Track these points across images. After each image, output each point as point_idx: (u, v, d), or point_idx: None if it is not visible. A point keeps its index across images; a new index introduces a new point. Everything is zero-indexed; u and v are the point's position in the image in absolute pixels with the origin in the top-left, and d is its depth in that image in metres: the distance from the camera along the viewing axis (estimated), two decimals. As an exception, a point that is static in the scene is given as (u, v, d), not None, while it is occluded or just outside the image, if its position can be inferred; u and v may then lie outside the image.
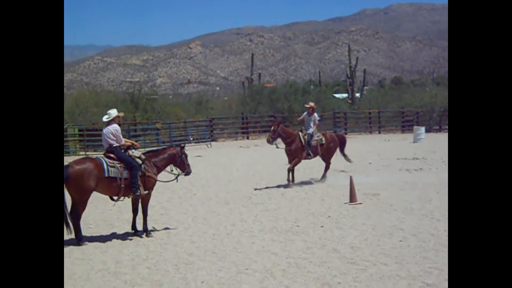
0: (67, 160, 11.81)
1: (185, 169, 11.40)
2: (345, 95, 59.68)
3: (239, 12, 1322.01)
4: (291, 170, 16.22)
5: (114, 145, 10.47)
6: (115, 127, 10.59)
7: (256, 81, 51.60)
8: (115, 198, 10.57)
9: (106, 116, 10.69)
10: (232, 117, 42.48)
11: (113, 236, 10.63)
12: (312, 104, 17.10)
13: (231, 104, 51.76)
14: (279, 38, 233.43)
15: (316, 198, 13.99)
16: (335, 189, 15.00)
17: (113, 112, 10.74)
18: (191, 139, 35.87)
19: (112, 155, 10.39)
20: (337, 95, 62.64)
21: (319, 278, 7.60)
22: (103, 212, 13.07)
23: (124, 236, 10.55)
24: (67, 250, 9.49)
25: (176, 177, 11.43)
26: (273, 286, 7.32)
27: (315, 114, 16.70)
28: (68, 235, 9.72)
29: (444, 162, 20.72)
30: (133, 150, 10.78)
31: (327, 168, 17.27)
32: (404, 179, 16.64)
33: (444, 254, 8.58)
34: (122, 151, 10.58)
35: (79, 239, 9.86)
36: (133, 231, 10.68)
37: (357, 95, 56.34)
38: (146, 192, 10.61)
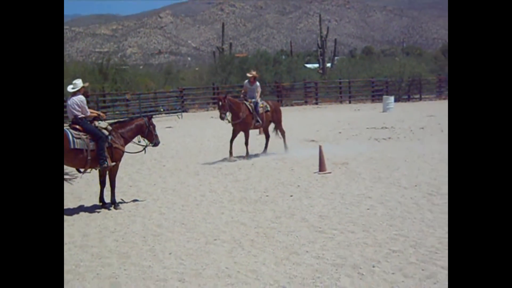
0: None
1: (153, 139, 11.28)
2: (316, 65, 59.69)
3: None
4: (246, 144, 16.01)
5: (80, 116, 10.28)
6: (80, 98, 10.38)
7: (227, 51, 51.14)
8: (82, 170, 10.44)
9: (71, 87, 10.47)
10: (203, 87, 42.18)
11: (81, 209, 10.52)
12: (254, 73, 16.71)
13: (202, 75, 51.28)
14: (251, 7, 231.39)
15: (285, 168, 14.03)
16: (304, 159, 15.04)
17: (79, 83, 10.52)
18: (162, 110, 35.58)
19: (77, 127, 10.22)
20: (308, 65, 62.52)
21: (287, 247, 7.64)
22: (70, 184, 12.88)
23: (91, 209, 10.45)
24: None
25: (144, 148, 11.33)
26: (242, 256, 7.34)
27: (257, 83, 16.47)
28: None
29: (412, 131, 20.97)
30: (99, 121, 10.62)
31: (283, 134, 17.18)
32: (372, 148, 16.78)
33: (410, 221, 8.72)
34: (88, 122, 10.40)
35: (45, 212, 9.73)
36: (100, 204, 10.59)
37: (328, 65, 56.43)
38: (114, 163, 10.48)
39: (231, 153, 15.74)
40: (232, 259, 7.25)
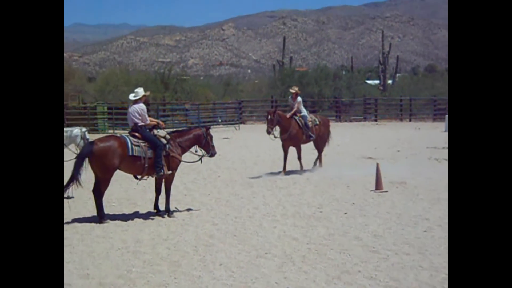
0: (95, 137, 11.85)
1: (210, 150, 11.35)
2: (377, 81, 59.00)
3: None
4: (299, 159, 15.88)
5: (139, 124, 10.46)
6: (141, 106, 10.57)
7: (287, 65, 51.22)
8: (139, 177, 10.60)
9: (133, 95, 10.69)
10: (262, 100, 42.35)
11: (135, 215, 10.68)
12: (296, 89, 16.50)
13: (261, 87, 51.59)
14: (313, 22, 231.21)
15: (341, 185, 13.82)
16: (361, 176, 14.78)
17: (141, 91, 10.72)
18: (219, 120, 35.90)
19: (137, 134, 10.40)
20: (369, 81, 61.91)
21: (339, 266, 7.48)
22: (126, 190, 13.15)
23: (146, 216, 10.58)
24: (88, 227, 9.59)
25: (200, 158, 11.41)
26: (292, 272, 7.23)
27: (299, 98, 16.10)
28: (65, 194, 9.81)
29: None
30: (158, 130, 10.77)
31: (320, 152, 16.80)
32: (432, 169, 16.32)
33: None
34: (147, 130, 10.57)
35: (101, 217, 9.93)
36: (155, 211, 10.70)
37: (389, 82, 55.62)
38: (170, 172, 10.59)
39: (284, 168, 15.58)
40: (282, 274, 7.15)
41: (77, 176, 9.72)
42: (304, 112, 16.08)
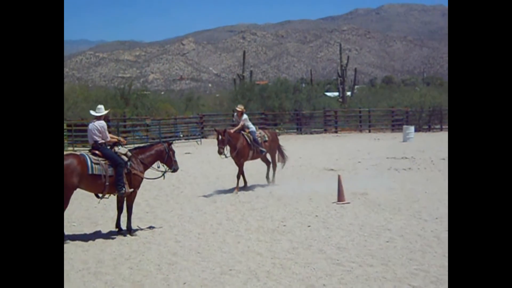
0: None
1: (172, 165, 11.26)
2: (336, 93, 59.70)
3: (232, 9, 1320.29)
4: (241, 174, 15.43)
5: (100, 142, 10.30)
6: (101, 123, 10.42)
7: (248, 78, 51.41)
8: (100, 195, 10.41)
9: (95, 111, 10.51)
10: (223, 114, 42.29)
11: (97, 234, 10.45)
12: (242, 107, 16.16)
13: (222, 101, 51.54)
14: (272, 36, 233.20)
15: (304, 197, 13.86)
16: (323, 188, 14.87)
17: (102, 109, 10.58)
18: (181, 135, 35.67)
19: (97, 152, 10.22)
20: (328, 94, 62.57)
21: (304, 280, 7.48)
22: (87, 209, 12.88)
23: (107, 235, 10.38)
24: (48, 248, 9.33)
25: (163, 174, 11.29)
26: (257, 288, 7.19)
27: (244, 116, 15.77)
28: None
29: (432, 161, 20.68)
30: (119, 147, 10.62)
31: (274, 166, 16.54)
32: (392, 179, 16.55)
33: (431, 255, 8.50)
34: (108, 147, 10.41)
35: (61, 237, 9.69)
36: (117, 230, 10.52)
37: (348, 93, 56.40)
38: (132, 190, 10.43)
39: (245, 183, 15.48)
40: (247, 290, 7.10)
41: None
42: (252, 128, 15.82)
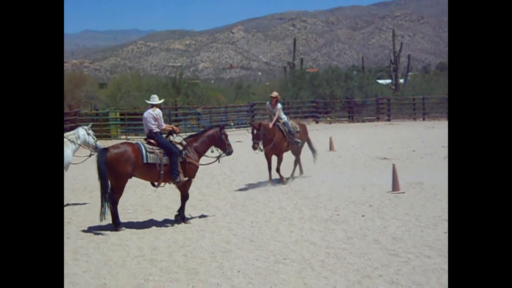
0: (108, 144, 11.80)
1: (226, 149, 11.20)
2: (388, 81, 58.67)
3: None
4: (279, 170, 14.63)
5: (155, 130, 10.38)
6: (156, 111, 10.49)
7: (298, 66, 51.08)
8: (156, 184, 10.51)
9: (151, 100, 10.60)
10: (273, 102, 42.21)
11: (151, 222, 10.58)
12: (276, 94, 15.33)
13: (272, 90, 51.39)
14: (322, 23, 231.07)
15: (357, 186, 13.66)
16: (377, 177, 14.61)
17: (156, 99, 10.66)
18: (232, 124, 35.81)
19: (152, 141, 10.31)
20: (380, 81, 61.54)
21: (359, 270, 7.35)
22: (141, 197, 13.07)
23: (162, 223, 10.49)
24: (104, 236, 9.50)
25: (218, 158, 11.25)
26: (312, 277, 7.10)
27: (279, 105, 15.00)
28: (102, 220, 9.73)
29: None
30: (174, 136, 10.69)
31: (299, 160, 15.68)
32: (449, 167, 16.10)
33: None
34: (163, 136, 10.48)
35: (117, 225, 9.85)
36: (179, 218, 10.51)
37: (401, 81, 55.25)
38: (187, 178, 10.46)
39: (270, 178, 14.70)
40: (302, 280, 7.03)
41: (107, 191, 9.63)
42: (285, 118, 15.17)
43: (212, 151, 11.19)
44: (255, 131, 14.09)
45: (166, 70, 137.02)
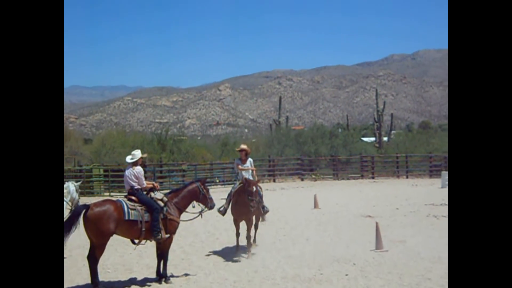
0: (91, 200, 11.73)
1: (208, 203, 11.13)
2: (372, 139, 59.41)
3: (268, 56, 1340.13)
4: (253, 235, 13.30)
5: (136, 187, 10.38)
6: (138, 169, 10.52)
7: (284, 123, 51.64)
8: (136, 241, 10.40)
9: (130, 157, 10.65)
10: (259, 159, 42.31)
11: (131, 281, 10.42)
12: (244, 146, 13.46)
13: (258, 146, 51.70)
14: (308, 81, 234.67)
15: (341, 244, 13.62)
16: (360, 235, 14.59)
17: (137, 153, 10.69)
18: (217, 181, 35.76)
19: (133, 198, 10.29)
20: (364, 139, 62.25)
21: (342, 331, 7.26)
22: (122, 255, 12.89)
23: (142, 282, 10.33)
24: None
25: (200, 213, 11.18)
26: None
27: (250, 160, 13.49)
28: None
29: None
30: (155, 192, 10.67)
31: (256, 226, 13.93)
32: (431, 226, 16.15)
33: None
34: (144, 193, 10.47)
35: (95, 285, 9.65)
36: (158, 277, 10.39)
37: (385, 139, 56.00)
38: (168, 235, 10.39)
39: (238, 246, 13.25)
40: None
41: (67, 233, 9.47)
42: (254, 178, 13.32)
43: (194, 206, 11.10)
44: (254, 188, 12.42)
45: (152, 126, 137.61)
